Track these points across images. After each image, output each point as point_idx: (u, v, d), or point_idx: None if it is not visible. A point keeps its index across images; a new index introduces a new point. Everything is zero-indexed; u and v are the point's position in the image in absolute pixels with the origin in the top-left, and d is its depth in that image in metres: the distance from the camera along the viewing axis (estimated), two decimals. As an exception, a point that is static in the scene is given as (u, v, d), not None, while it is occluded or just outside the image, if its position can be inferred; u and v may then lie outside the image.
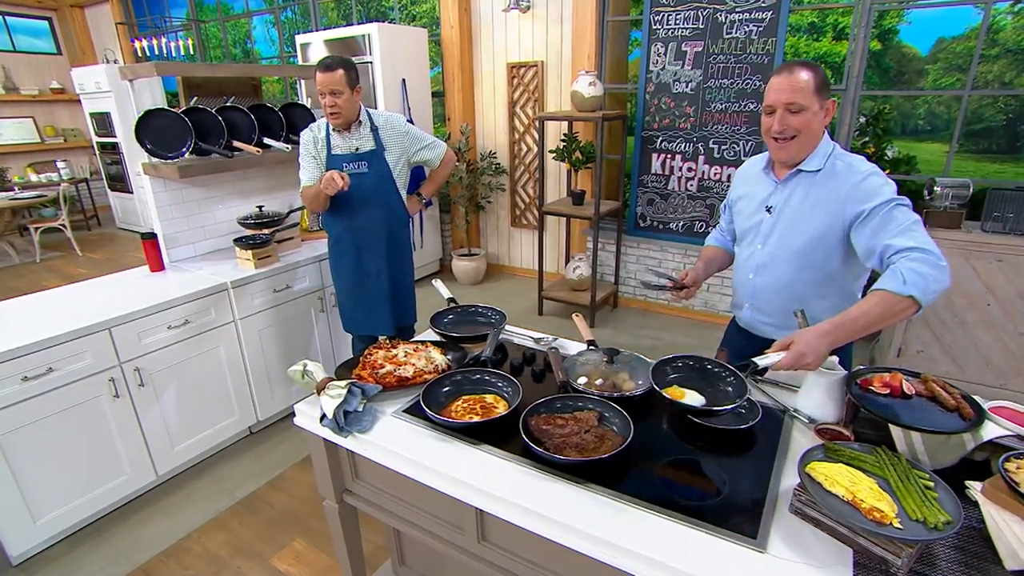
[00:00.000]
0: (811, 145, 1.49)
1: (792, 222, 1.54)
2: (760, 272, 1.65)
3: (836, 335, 1.24)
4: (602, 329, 4.24)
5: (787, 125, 1.44)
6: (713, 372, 1.26)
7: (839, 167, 1.48)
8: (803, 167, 1.51)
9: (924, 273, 1.23)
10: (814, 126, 1.45)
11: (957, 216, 3.04)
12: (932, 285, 1.23)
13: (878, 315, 1.25)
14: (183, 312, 2.47)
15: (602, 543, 1.04)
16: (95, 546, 2.26)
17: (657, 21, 3.92)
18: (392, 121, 2.50)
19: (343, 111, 2.30)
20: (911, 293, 1.22)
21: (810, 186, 1.51)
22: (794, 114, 1.43)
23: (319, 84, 2.27)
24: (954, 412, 1.20)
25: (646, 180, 4.28)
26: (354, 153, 2.41)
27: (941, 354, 3.16)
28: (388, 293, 2.59)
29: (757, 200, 1.64)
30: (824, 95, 1.43)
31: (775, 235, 1.59)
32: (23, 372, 2.01)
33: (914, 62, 4.22)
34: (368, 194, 2.45)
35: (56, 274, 5.87)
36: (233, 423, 2.79)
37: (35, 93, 8.22)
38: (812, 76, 1.41)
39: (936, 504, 0.97)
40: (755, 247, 1.65)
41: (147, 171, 2.75)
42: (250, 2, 6.91)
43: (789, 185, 1.55)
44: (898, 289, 1.23)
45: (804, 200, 1.52)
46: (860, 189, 1.42)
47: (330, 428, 1.38)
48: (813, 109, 1.42)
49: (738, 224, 1.74)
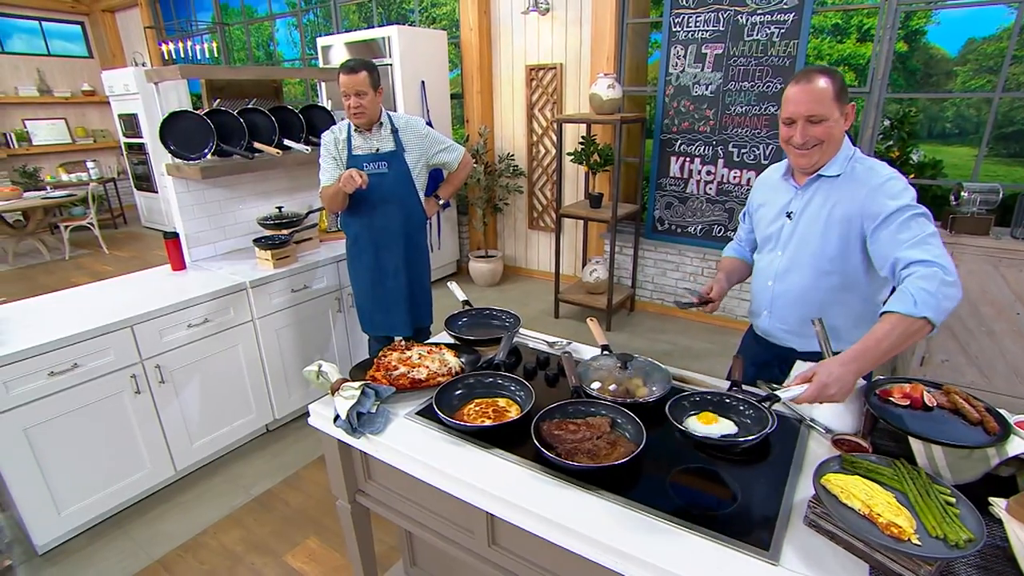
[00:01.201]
0: (833, 151, 1.46)
1: (811, 228, 1.52)
2: (780, 279, 1.62)
3: (861, 362, 1.19)
4: (618, 333, 4.21)
5: (809, 136, 1.42)
6: (731, 405, 1.20)
7: (859, 171, 1.45)
8: (823, 172, 1.48)
9: (934, 291, 1.20)
10: (835, 133, 1.43)
11: (986, 222, 2.95)
12: (944, 303, 1.20)
13: (898, 337, 1.20)
14: (203, 311, 2.51)
15: (612, 551, 1.03)
16: (115, 539, 2.31)
17: (677, 23, 3.89)
18: (412, 123, 2.54)
19: (367, 111, 2.35)
20: (924, 314, 1.18)
21: (830, 191, 1.48)
22: (815, 124, 1.41)
23: (343, 86, 2.31)
24: (978, 426, 1.16)
25: (664, 183, 4.25)
26: (375, 153, 2.45)
27: (967, 364, 3.08)
28: (406, 293, 2.61)
29: (778, 207, 1.62)
30: (843, 101, 1.41)
31: (794, 241, 1.57)
32: (50, 367, 2.07)
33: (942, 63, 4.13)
34: (388, 194, 2.48)
35: (84, 271, 6.03)
36: (250, 421, 2.83)
37: (67, 95, 8.46)
38: (830, 83, 1.38)
39: (957, 521, 0.95)
40: (775, 254, 1.63)
41: (170, 172, 2.81)
42: (273, 5, 7.03)
43: (809, 191, 1.53)
44: (910, 311, 1.19)
45: (823, 206, 1.49)
46: (879, 193, 1.39)
47: (343, 429, 1.39)
48: (834, 117, 1.40)
49: (758, 231, 1.72)
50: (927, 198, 4.03)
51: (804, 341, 1.62)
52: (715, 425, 1.16)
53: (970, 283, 2.95)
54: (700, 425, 1.16)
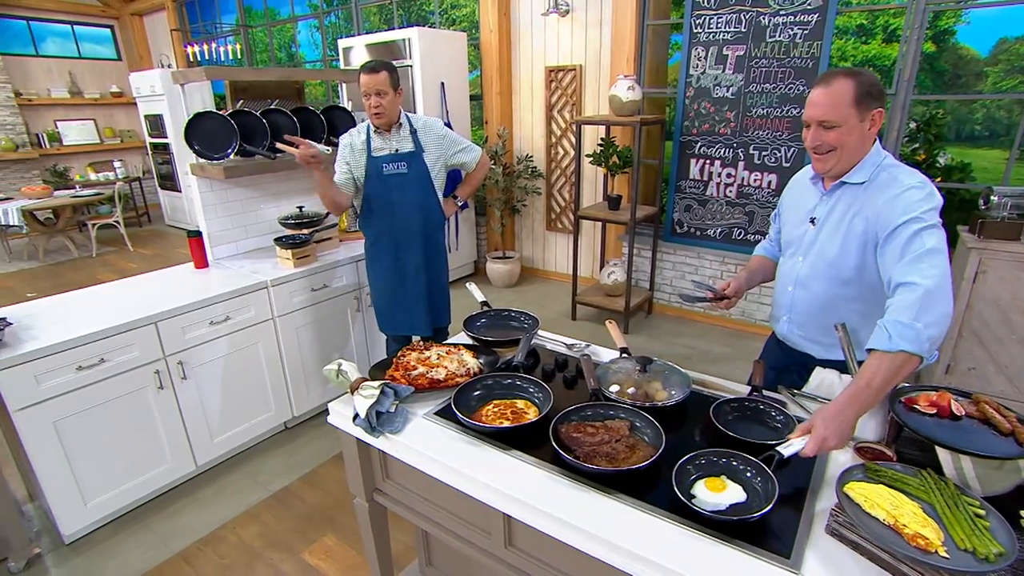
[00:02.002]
0: (853, 158, 1.42)
1: (832, 235, 1.49)
2: (800, 286, 1.59)
3: (856, 407, 1.14)
4: (636, 336, 4.19)
5: (821, 141, 1.40)
6: (737, 467, 1.17)
7: (882, 179, 1.40)
8: (847, 179, 1.45)
9: (909, 323, 1.15)
10: (851, 140, 1.38)
11: (1017, 227, 2.88)
12: (926, 331, 1.14)
13: (886, 375, 1.14)
14: (224, 309, 2.55)
15: (629, 554, 1.02)
16: (137, 531, 2.36)
17: (698, 24, 3.85)
18: (430, 124, 2.56)
19: (386, 111, 2.38)
20: (902, 348, 1.14)
21: (853, 199, 1.44)
22: (827, 130, 1.38)
23: (363, 86, 2.34)
24: (1009, 436, 1.13)
25: (684, 186, 4.21)
26: (394, 154, 2.47)
27: (995, 373, 3.00)
28: (425, 293, 2.64)
29: (804, 211, 1.59)
30: (867, 106, 1.35)
31: (816, 248, 1.54)
32: (78, 362, 2.12)
33: (972, 64, 4.03)
34: (407, 194, 2.51)
35: (110, 268, 6.17)
36: (269, 418, 2.87)
37: (97, 97, 8.68)
38: (852, 87, 1.33)
39: (987, 534, 0.92)
40: (797, 259, 1.61)
41: (194, 171, 2.86)
42: (296, 7, 7.12)
43: (833, 197, 1.50)
44: (886, 347, 1.15)
45: (846, 213, 1.46)
46: (895, 203, 1.33)
47: (362, 428, 1.40)
48: (850, 124, 1.35)
49: (784, 233, 1.70)
50: (954, 202, 3.94)
51: (823, 349, 1.60)
52: (724, 493, 1.12)
53: (1000, 290, 2.87)
54: (709, 493, 1.12)
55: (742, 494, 1.12)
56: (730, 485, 1.13)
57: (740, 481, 1.15)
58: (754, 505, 1.09)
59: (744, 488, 1.13)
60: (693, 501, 1.09)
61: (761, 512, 1.02)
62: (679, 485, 1.11)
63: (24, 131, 7.79)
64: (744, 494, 1.12)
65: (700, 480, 1.16)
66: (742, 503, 1.10)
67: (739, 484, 1.14)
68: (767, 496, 1.08)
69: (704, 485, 1.14)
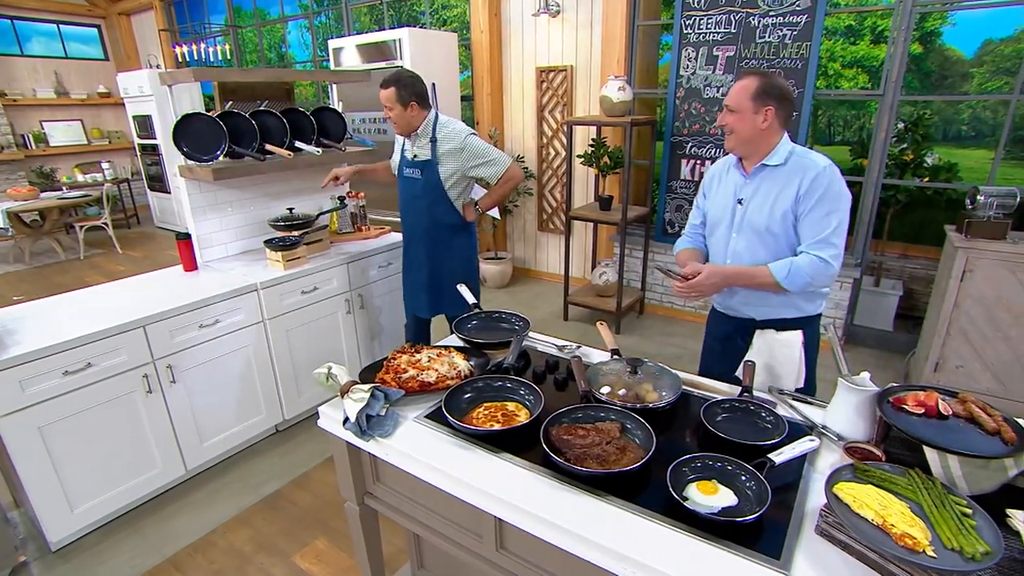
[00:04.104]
0: (747, 142, 1.69)
1: (760, 209, 1.72)
2: (736, 258, 1.79)
3: (731, 282, 1.74)
4: (628, 336, 4.20)
5: (724, 122, 1.70)
6: (731, 472, 1.18)
7: (793, 161, 1.68)
8: (766, 162, 1.70)
9: (804, 279, 1.64)
10: (743, 127, 1.66)
11: (1002, 226, 2.91)
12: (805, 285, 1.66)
13: (755, 282, 1.72)
14: (214, 312, 2.53)
15: (621, 557, 1.02)
16: (126, 537, 2.33)
17: (688, 25, 3.87)
18: (451, 135, 2.59)
19: (397, 123, 2.57)
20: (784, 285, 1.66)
21: (775, 178, 1.70)
22: (730, 113, 1.68)
23: (380, 97, 2.53)
24: (995, 435, 1.14)
25: (675, 186, 4.23)
26: (413, 160, 2.66)
27: (982, 370, 3.03)
28: (427, 284, 2.83)
29: (729, 192, 1.81)
30: (762, 102, 1.62)
31: (747, 223, 1.75)
32: (64, 366, 2.09)
33: (958, 65, 4.06)
34: (416, 199, 2.70)
35: (98, 271, 6.10)
36: (260, 421, 2.85)
37: (84, 97, 8.59)
38: (755, 84, 1.62)
39: (974, 533, 0.93)
40: (730, 235, 1.81)
41: (183, 173, 2.84)
42: (285, 7, 7.08)
43: (756, 178, 1.73)
44: (779, 278, 1.65)
45: (770, 190, 1.70)
46: (816, 183, 1.63)
47: (352, 431, 1.40)
48: (744, 113, 1.64)
49: (710, 215, 1.90)
50: (942, 202, 3.97)
51: (762, 311, 1.82)
52: (716, 496, 1.13)
53: (986, 288, 2.90)
54: (701, 496, 1.13)
55: (733, 498, 1.12)
56: (722, 489, 1.14)
57: (732, 485, 1.15)
58: (745, 509, 1.09)
59: (736, 492, 1.13)
60: (686, 503, 1.09)
61: (755, 515, 1.03)
62: (674, 487, 1.11)
63: (9, 132, 7.69)
64: (735, 498, 1.12)
65: (692, 483, 1.16)
66: (733, 507, 1.10)
67: (731, 488, 1.15)
68: (759, 500, 1.08)
69: (696, 488, 1.14)
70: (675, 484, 1.12)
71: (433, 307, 2.88)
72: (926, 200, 4.00)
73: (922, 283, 3.74)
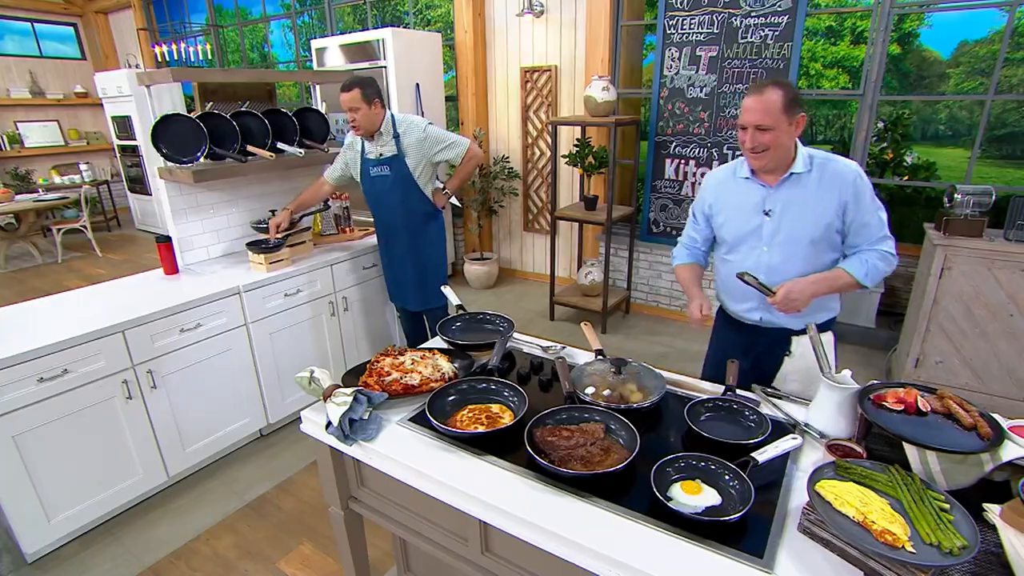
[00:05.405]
0: (783, 156, 1.63)
1: (798, 221, 1.66)
2: (772, 273, 1.71)
3: (816, 288, 1.63)
4: (613, 335, 4.21)
5: (758, 143, 1.59)
6: (715, 471, 1.19)
7: (819, 161, 1.65)
8: (795, 170, 1.64)
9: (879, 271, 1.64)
10: (783, 141, 1.59)
11: (979, 224, 2.96)
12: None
13: (842, 286, 1.67)
14: (195, 315, 2.49)
15: (605, 559, 1.02)
16: (106, 546, 2.29)
17: (671, 26, 3.89)
18: (411, 128, 2.69)
19: (362, 124, 2.58)
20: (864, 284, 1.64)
21: (804, 185, 1.65)
22: (763, 132, 1.57)
23: (341, 103, 2.53)
24: (972, 431, 1.16)
25: (659, 185, 4.25)
26: (379, 158, 2.69)
27: (961, 365, 3.08)
28: (412, 276, 2.88)
29: (749, 205, 1.73)
30: (793, 112, 1.56)
31: (782, 235, 1.68)
32: (40, 373, 2.04)
33: (935, 66, 4.14)
34: (388, 194, 2.74)
35: (77, 274, 5.99)
36: (243, 426, 2.81)
37: (60, 97, 8.41)
38: (781, 96, 1.54)
39: (951, 527, 0.94)
40: (759, 250, 1.73)
41: (162, 175, 2.79)
42: (268, 7, 7.00)
43: (784, 187, 1.67)
44: (857, 277, 1.64)
45: (804, 200, 1.65)
46: (860, 184, 1.62)
47: (335, 436, 1.38)
48: (781, 127, 1.56)
49: (728, 231, 1.81)
50: (920, 200, 4.04)
51: (800, 319, 1.76)
52: (700, 496, 1.13)
53: (963, 285, 2.95)
54: (685, 496, 1.13)
55: (717, 497, 1.12)
56: (706, 489, 1.14)
57: (716, 485, 1.16)
58: (729, 508, 1.10)
59: (719, 491, 1.14)
60: (670, 503, 1.09)
61: (739, 514, 1.03)
62: (658, 487, 1.11)
63: (-17, 133, 7.52)
64: (719, 497, 1.12)
65: (676, 483, 1.16)
66: (717, 506, 1.11)
67: (714, 488, 1.15)
68: (742, 499, 1.09)
69: (680, 488, 1.15)
70: (659, 484, 1.13)
71: (422, 300, 2.93)
72: (906, 198, 4.07)
73: (903, 280, 3.80)
